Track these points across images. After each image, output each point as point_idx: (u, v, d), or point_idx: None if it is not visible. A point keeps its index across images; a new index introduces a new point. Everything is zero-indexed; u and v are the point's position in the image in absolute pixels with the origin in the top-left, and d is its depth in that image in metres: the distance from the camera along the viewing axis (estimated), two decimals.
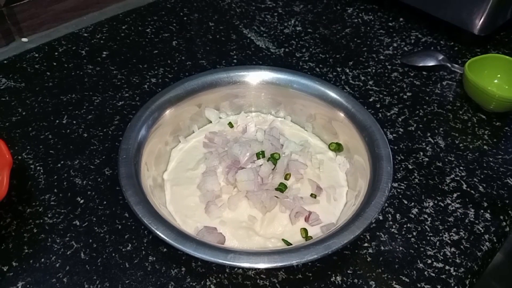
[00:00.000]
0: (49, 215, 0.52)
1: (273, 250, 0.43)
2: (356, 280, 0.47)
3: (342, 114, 0.56)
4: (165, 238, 0.42)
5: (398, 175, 0.58)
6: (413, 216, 0.54)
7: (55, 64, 0.72)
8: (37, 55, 0.74)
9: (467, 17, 0.76)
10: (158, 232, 0.42)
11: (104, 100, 0.66)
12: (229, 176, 0.51)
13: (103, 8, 0.84)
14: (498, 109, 0.65)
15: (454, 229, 0.53)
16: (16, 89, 0.67)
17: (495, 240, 0.52)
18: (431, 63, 0.74)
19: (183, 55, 0.75)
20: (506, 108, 0.65)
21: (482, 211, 0.55)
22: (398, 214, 0.54)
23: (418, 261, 0.49)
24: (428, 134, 0.64)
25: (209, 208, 0.49)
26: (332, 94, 0.57)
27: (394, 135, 0.63)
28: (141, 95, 0.68)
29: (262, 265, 0.40)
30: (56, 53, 0.74)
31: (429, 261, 0.49)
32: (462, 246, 0.51)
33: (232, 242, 0.48)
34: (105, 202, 0.53)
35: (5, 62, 0.72)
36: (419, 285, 0.47)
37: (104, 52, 0.75)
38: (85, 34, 0.79)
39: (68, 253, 0.49)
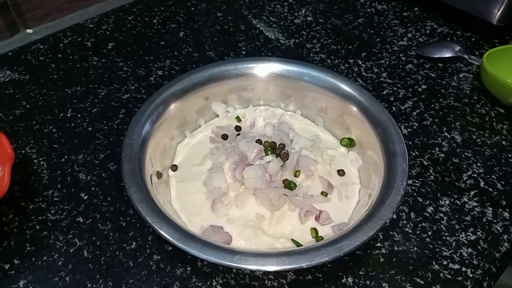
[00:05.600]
0: (52, 212, 0.51)
1: (282, 251, 0.41)
2: (368, 282, 0.46)
3: (354, 108, 0.54)
4: (169, 238, 0.40)
5: (413, 172, 0.56)
6: (428, 214, 0.52)
7: (60, 56, 0.71)
8: (42, 46, 0.72)
9: (485, 7, 0.73)
10: (162, 232, 0.40)
11: (110, 93, 0.65)
12: (236, 173, 0.49)
13: None
14: None
15: (471, 229, 0.50)
16: (20, 81, 0.66)
17: None
18: (447, 54, 0.71)
19: (190, 46, 0.74)
20: None
21: (500, 209, 0.52)
22: (412, 213, 0.52)
23: (434, 262, 0.47)
24: (444, 129, 0.61)
25: (215, 205, 0.48)
26: (345, 87, 0.55)
27: (408, 129, 0.61)
28: (147, 87, 0.66)
29: (270, 268, 0.38)
30: (61, 45, 0.73)
31: (445, 262, 0.47)
32: (479, 247, 0.49)
33: (239, 241, 0.46)
34: (109, 199, 0.52)
35: (10, 54, 0.71)
36: None
37: (110, 44, 0.73)
38: (91, 25, 0.77)
39: (71, 251, 0.47)
